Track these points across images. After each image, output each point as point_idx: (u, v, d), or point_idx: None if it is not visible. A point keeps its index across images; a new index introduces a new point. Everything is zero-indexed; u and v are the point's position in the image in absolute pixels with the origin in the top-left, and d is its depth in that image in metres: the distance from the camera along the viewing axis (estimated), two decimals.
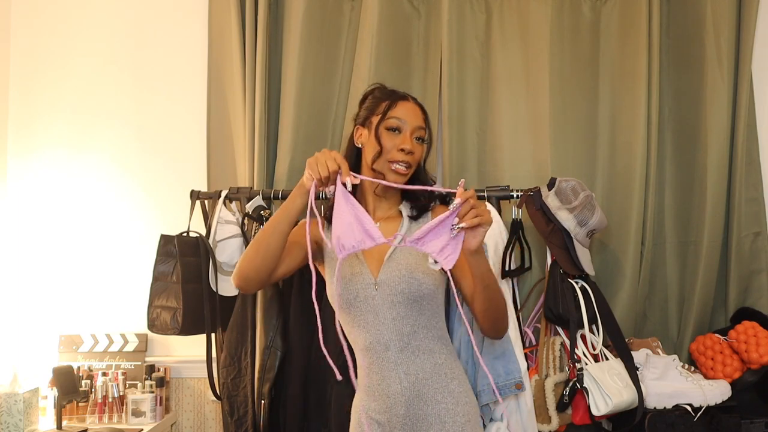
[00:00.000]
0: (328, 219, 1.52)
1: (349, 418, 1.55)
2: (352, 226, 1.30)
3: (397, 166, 1.51)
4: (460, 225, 1.26)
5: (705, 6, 2.18)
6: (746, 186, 2.20)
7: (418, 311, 1.47)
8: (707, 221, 2.16)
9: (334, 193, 1.35)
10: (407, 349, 1.47)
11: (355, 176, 1.34)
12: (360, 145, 1.58)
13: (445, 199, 1.64)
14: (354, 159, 1.59)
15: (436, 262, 1.30)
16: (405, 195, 1.61)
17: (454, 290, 1.40)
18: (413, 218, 1.56)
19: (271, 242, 1.43)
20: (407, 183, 1.54)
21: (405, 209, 1.58)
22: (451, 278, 1.34)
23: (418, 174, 1.60)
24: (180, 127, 2.37)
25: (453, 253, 1.29)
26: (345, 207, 1.31)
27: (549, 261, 1.99)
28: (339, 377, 1.38)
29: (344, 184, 1.33)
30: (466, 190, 1.29)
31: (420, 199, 1.58)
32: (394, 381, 1.46)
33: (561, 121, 2.21)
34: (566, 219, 1.92)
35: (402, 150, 1.50)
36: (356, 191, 1.57)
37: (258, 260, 1.43)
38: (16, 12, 2.40)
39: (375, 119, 1.54)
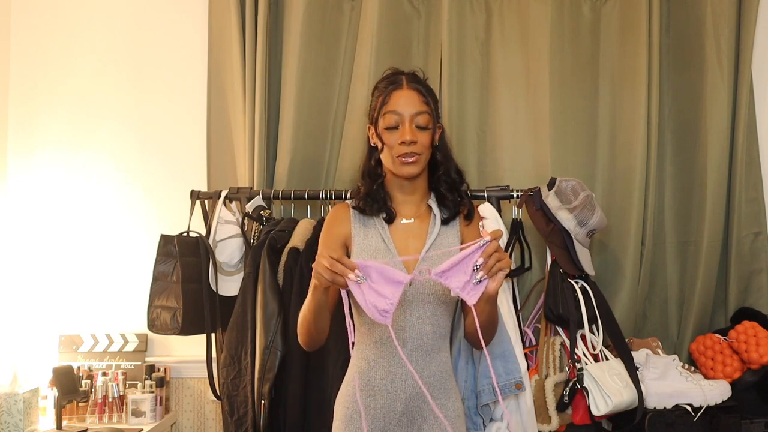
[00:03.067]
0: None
1: None
2: (378, 290, 1.32)
3: (403, 158, 1.51)
4: (483, 277, 1.30)
5: (705, 6, 2.18)
6: (746, 186, 2.20)
7: (441, 312, 1.50)
8: (707, 221, 2.16)
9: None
10: (422, 348, 1.48)
11: (357, 274, 1.31)
12: (374, 144, 1.59)
13: (470, 215, 1.61)
14: (371, 157, 1.60)
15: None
16: (431, 187, 1.61)
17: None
18: (444, 222, 1.56)
19: (316, 320, 1.44)
20: (422, 171, 1.56)
21: (433, 204, 1.59)
22: (474, 312, 1.35)
23: (436, 160, 1.60)
24: (180, 127, 2.37)
25: (475, 291, 1.31)
26: (363, 284, 1.32)
27: (549, 261, 1.99)
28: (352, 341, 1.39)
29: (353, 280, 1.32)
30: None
31: (445, 194, 1.58)
32: (400, 378, 1.47)
33: (561, 121, 2.21)
34: (566, 219, 1.92)
35: (403, 143, 1.50)
36: (383, 187, 1.59)
37: (315, 335, 1.47)
38: (16, 12, 2.40)
39: (375, 116, 1.56)
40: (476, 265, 1.30)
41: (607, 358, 1.92)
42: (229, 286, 2.05)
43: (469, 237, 1.56)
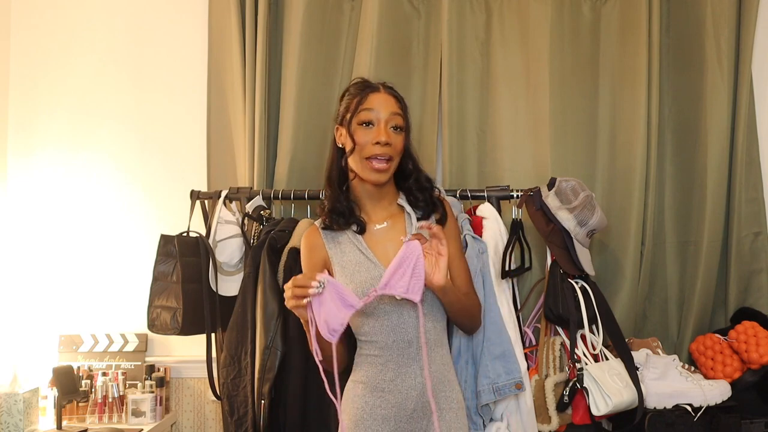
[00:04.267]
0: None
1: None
2: (334, 308, 1.38)
3: (376, 162, 1.48)
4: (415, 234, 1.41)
5: (705, 6, 2.18)
6: (746, 186, 2.20)
7: (437, 307, 1.53)
8: (707, 221, 2.16)
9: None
10: (426, 344, 1.50)
11: (318, 281, 1.35)
12: (341, 145, 1.56)
13: (443, 219, 1.62)
14: (339, 161, 1.57)
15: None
16: (399, 186, 1.61)
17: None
18: (421, 219, 1.57)
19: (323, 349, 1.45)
20: (391, 177, 1.56)
21: (404, 203, 1.59)
22: (420, 309, 1.42)
23: (404, 166, 1.59)
24: (180, 127, 2.37)
25: (417, 285, 1.39)
26: (324, 296, 1.38)
27: (549, 261, 1.99)
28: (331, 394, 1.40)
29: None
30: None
31: (417, 195, 1.58)
32: (409, 376, 1.49)
33: (561, 121, 2.21)
34: (566, 219, 1.92)
35: (378, 143, 1.48)
36: (350, 196, 1.58)
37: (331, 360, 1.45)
38: (16, 12, 2.40)
39: (348, 116, 1.52)
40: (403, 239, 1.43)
41: (607, 358, 1.92)
42: (229, 286, 2.05)
43: (447, 235, 1.54)
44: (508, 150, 2.25)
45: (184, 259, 1.99)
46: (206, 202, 2.17)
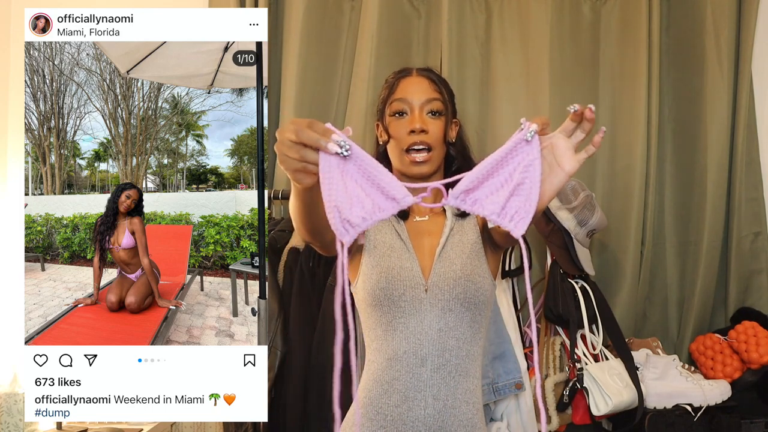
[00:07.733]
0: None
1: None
2: (358, 190, 0.84)
3: (413, 154, 1.31)
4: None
5: (705, 6, 2.18)
6: (746, 186, 2.20)
7: (468, 322, 1.25)
8: (707, 221, 2.16)
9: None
10: (445, 368, 1.22)
11: (338, 142, 0.84)
12: (382, 141, 1.40)
13: None
14: (384, 160, 1.39)
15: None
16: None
17: None
18: (460, 216, 1.31)
19: (310, 217, 1.07)
20: (436, 171, 1.34)
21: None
22: (524, 246, 0.88)
23: (450, 156, 1.38)
24: None
25: (524, 212, 0.84)
26: (350, 166, 0.84)
27: (549, 261, 2.00)
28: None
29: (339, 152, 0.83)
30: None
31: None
32: (418, 405, 1.21)
33: (561, 121, 2.20)
34: (566, 219, 1.92)
35: (412, 132, 1.30)
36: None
37: (316, 224, 1.07)
38: (16, 12, 2.40)
39: (382, 107, 1.39)
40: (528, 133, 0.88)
41: (607, 358, 1.92)
42: None
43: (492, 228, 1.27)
44: None
45: None
46: None
